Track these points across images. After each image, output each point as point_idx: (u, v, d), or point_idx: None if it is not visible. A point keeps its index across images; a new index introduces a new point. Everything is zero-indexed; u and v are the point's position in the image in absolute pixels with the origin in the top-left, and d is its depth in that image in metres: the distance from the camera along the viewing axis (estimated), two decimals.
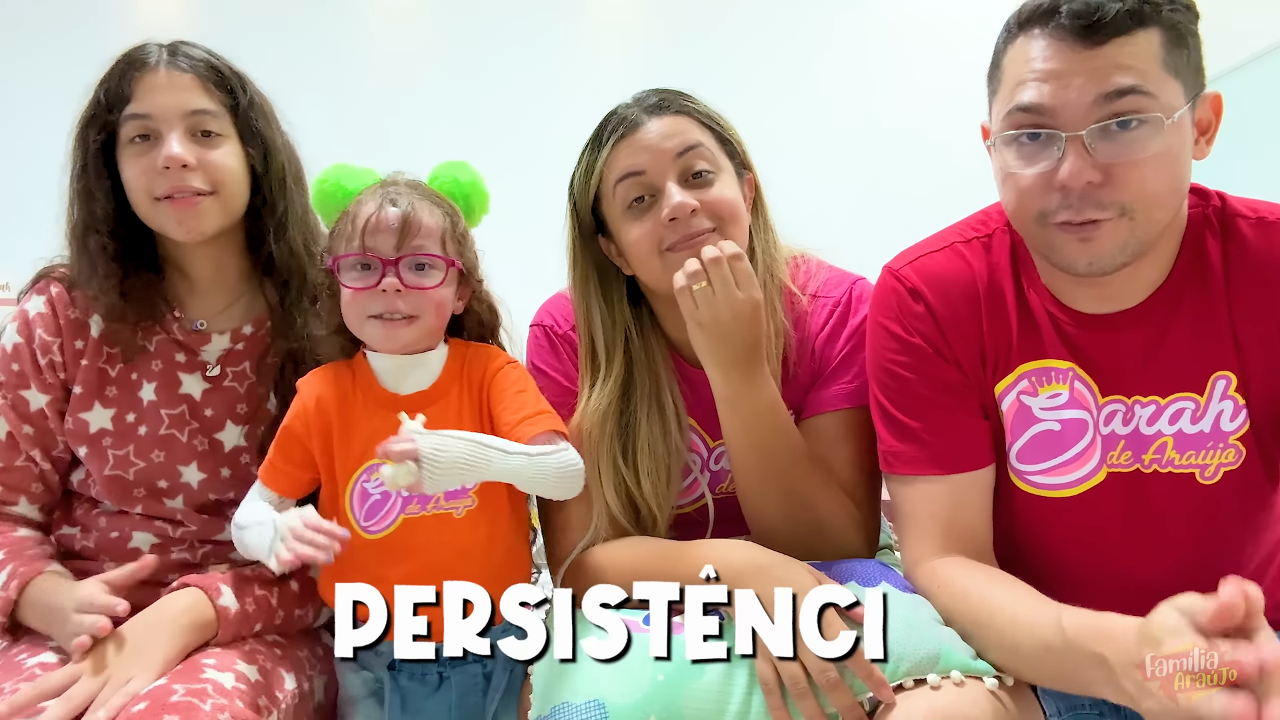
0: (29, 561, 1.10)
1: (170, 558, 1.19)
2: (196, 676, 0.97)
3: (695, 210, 1.10)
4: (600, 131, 1.17)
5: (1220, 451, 1.00)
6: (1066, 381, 1.02)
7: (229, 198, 1.17)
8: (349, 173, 1.13)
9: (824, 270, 1.23)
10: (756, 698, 0.92)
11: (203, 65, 1.16)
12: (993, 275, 1.05)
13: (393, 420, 1.03)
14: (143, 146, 1.14)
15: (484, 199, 1.16)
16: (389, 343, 1.06)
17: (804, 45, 3.52)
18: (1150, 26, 0.89)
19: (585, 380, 1.18)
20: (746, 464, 1.11)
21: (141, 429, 1.19)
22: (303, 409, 1.09)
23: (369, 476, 1.06)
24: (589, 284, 1.20)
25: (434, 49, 3.50)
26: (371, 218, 1.05)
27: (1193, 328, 0.98)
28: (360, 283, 1.05)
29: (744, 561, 0.99)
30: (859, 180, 3.42)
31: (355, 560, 1.04)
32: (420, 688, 1.05)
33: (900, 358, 1.06)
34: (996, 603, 0.93)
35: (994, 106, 0.99)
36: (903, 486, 1.07)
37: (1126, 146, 0.89)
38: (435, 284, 1.06)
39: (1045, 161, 0.92)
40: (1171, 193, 0.93)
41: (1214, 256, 0.98)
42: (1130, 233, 0.92)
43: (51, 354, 1.17)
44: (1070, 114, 0.90)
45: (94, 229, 1.17)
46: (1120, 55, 0.88)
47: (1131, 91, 0.88)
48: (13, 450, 1.17)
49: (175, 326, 1.21)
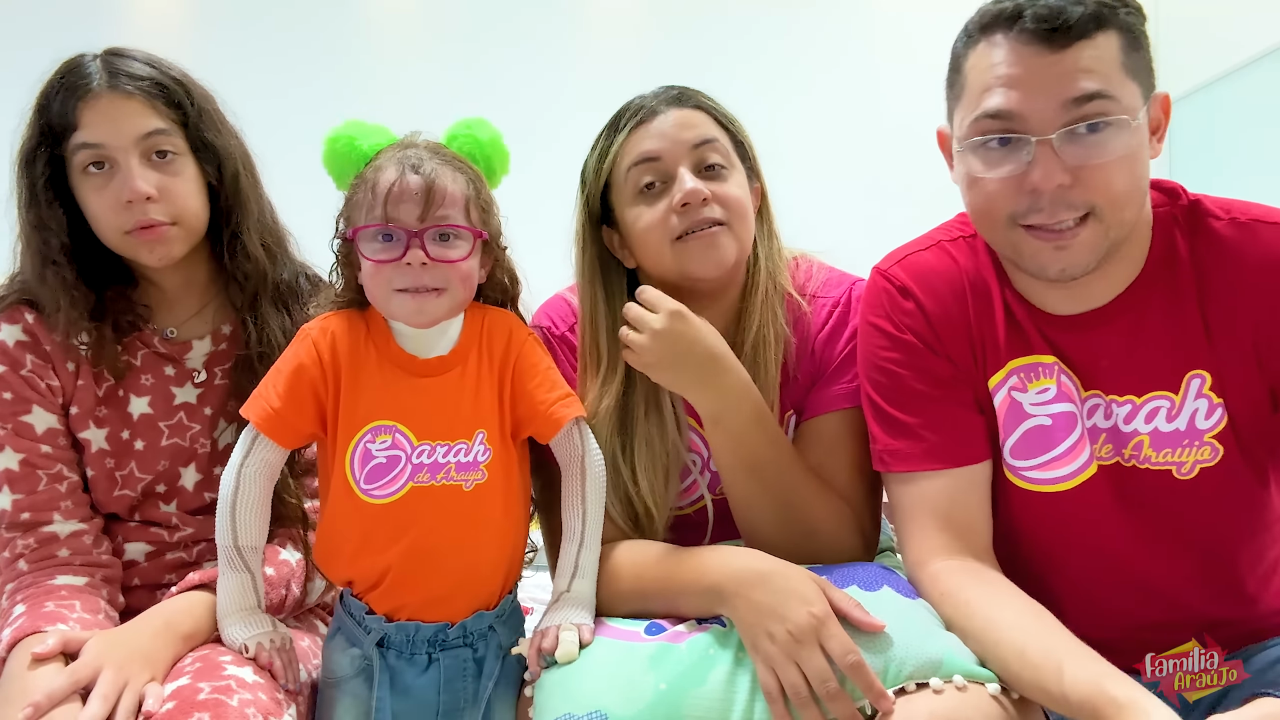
0: (34, 618, 1.05)
1: (165, 559, 1.19)
2: (219, 674, 0.97)
3: (707, 199, 1.10)
4: (618, 118, 1.17)
5: (1195, 449, 1.00)
6: (1054, 376, 1.02)
7: (192, 222, 1.15)
8: (363, 130, 1.07)
9: (823, 271, 1.23)
10: (759, 705, 0.92)
11: (147, 83, 1.12)
12: (979, 273, 1.06)
13: (406, 382, 1.03)
14: (100, 178, 1.11)
15: (505, 157, 1.12)
16: (419, 317, 1.02)
17: (804, 45, 3.52)
18: (1109, 29, 0.91)
19: (586, 376, 1.17)
20: (738, 479, 1.11)
21: (139, 444, 1.18)
22: (314, 350, 1.04)
23: (374, 438, 1.02)
24: (595, 274, 1.19)
25: (434, 48, 3.50)
26: (394, 185, 1.00)
27: (1165, 326, 0.99)
28: (383, 255, 1.00)
29: (747, 569, 0.99)
30: (859, 181, 3.42)
31: (356, 525, 1.03)
32: (409, 667, 1.04)
33: (892, 354, 1.07)
34: (1004, 627, 0.93)
35: (956, 112, 0.99)
36: (901, 484, 1.07)
37: (1094, 149, 0.90)
38: (462, 256, 1.02)
39: (1013, 165, 0.93)
40: (1136, 191, 0.95)
41: (1183, 254, 0.99)
42: (1102, 235, 0.93)
43: (48, 379, 1.15)
44: (1039, 119, 0.91)
45: (51, 261, 1.13)
46: (1083, 59, 0.90)
47: (1097, 96, 0.90)
48: (31, 477, 1.13)
49: (155, 339, 1.20)
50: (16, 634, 1.02)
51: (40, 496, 1.13)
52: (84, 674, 0.95)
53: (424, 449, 1.02)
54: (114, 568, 1.16)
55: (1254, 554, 1.05)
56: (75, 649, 0.99)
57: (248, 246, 1.20)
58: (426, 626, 1.03)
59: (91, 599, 1.11)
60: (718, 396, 1.08)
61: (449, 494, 1.03)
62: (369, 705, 1.02)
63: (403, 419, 1.03)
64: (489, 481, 1.04)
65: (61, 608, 1.06)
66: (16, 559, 1.11)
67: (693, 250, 1.11)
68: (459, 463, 1.03)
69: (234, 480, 1.03)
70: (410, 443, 1.02)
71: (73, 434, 1.17)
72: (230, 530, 1.03)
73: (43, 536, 1.12)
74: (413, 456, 1.02)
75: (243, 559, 1.04)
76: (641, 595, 1.06)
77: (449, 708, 1.03)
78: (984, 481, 1.06)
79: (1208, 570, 1.03)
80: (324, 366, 1.04)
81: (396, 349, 1.05)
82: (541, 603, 1.12)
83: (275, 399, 1.03)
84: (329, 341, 1.04)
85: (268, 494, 1.05)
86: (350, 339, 1.05)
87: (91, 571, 1.13)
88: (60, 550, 1.12)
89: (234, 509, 1.03)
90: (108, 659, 0.96)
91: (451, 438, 1.03)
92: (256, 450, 1.04)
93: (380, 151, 1.05)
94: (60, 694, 0.93)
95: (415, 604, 1.04)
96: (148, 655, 0.99)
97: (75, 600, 1.09)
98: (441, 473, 1.02)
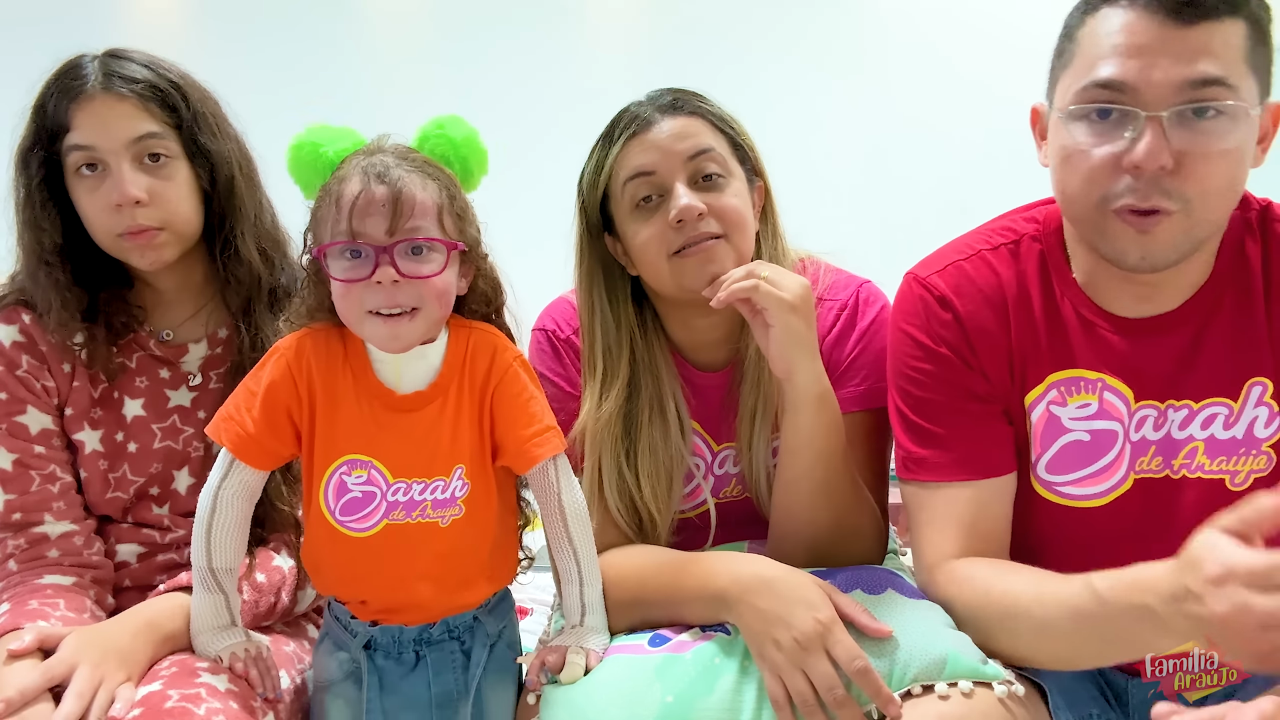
0: (16, 615, 1.04)
1: (157, 560, 1.19)
2: (191, 681, 0.96)
3: (703, 214, 1.09)
4: (612, 128, 1.16)
5: (1252, 458, 0.98)
6: (1095, 392, 1.00)
7: (182, 227, 1.14)
8: (327, 135, 1.00)
9: (830, 273, 1.22)
10: (766, 714, 0.91)
11: (142, 86, 1.11)
12: (1021, 283, 1.03)
13: (384, 417, 0.99)
14: (93, 179, 1.10)
15: (482, 157, 1.04)
16: (394, 344, 0.97)
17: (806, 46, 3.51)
18: (1239, 16, 0.87)
19: (589, 382, 1.16)
20: (814, 469, 1.08)
21: (132, 446, 1.18)
22: (288, 371, 0.99)
23: (350, 470, 0.99)
24: (594, 282, 1.19)
25: (433, 48, 3.49)
26: (358, 197, 0.93)
27: (1230, 333, 0.97)
28: (351, 273, 0.94)
29: (751, 576, 0.98)
30: (862, 182, 3.41)
31: (335, 555, 1.01)
32: (397, 666, 1.03)
33: (925, 365, 1.04)
34: (1019, 588, 0.92)
35: (1062, 80, 0.94)
36: (923, 491, 1.05)
37: (1204, 136, 0.87)
38: (436, 271, 0.95)
39: (1116, 139, 0.89)
40: (1231, 192, 0.92)
41: (1254, 262, 0.97)
42: (1187, 229, 0.90)
43: (43, 379, 1.14)
44: (1153, 94, 0.87)
45: (44, 260, 1.13)
46: (1210, 40, 0.86)
47: (1217, 82, 0.86)
48: (23, 477, 1.12)
49: (151, 342, 1.19)
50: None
51: (32, 497, 1.12)
52: (58, 670, 0.94)
53: (399, 486, 0.99)
54: (104, 569, 1.16)
55: None
56: (53, 645, 0.98)
57: (241, 251, 1.19)
58: (410, 628, 1.03)
59: (78, 598, 1.10)
60: (821, 377, 1.07)
61: (425, 531, 0.99)
62: (360, 708, 1.01)
63: (379, 455, 0.99)
64: (467, 516, 1.00)
65: (45, 605, 1.06)
66: (6, 559, 1.11)
67: (689, 265, 1.10)
68: (436, 500, 0.99)
69: (210, 502, 1.00)
70: (385, 480, 0.99)
71: (67, 435, 1.16)
72: (204, 552, 1.01)
73: (33, 537, 1.12)
74: (388, 494, 0.99)
75: (216, 580, 1.02)
76: (644, 602, 1.06)
77: (441, 701, 1.02)
78: (1008, 492, 1.04)
79: None
80: (298, 389, 0.99)
81: (374, 380, 1.00)
82: (542, 603, 1.11)
83: (249, 422, 0.98)
84: (304, 363, 1.00)
85: (246, 516, 1.03)
86: (326, 362, 1.00)
87: (81, 572, 1.13)
88: (50, 551, 1.12)
89: (209, 531, 1.00)
90: (84, 656, 0.95)
91: (429, 475, 0.99)
92: (235, 473, 1.00)
93: (345, 159, 0.98)
94: (33, 690, 0.92)
95: (398, 614, 1.03)
96: (125, 654, 0.98)
97: (60, 599, 1.08)
98: (417, 510, 0.99)
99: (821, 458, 1.08)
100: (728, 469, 1.22)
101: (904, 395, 1.06)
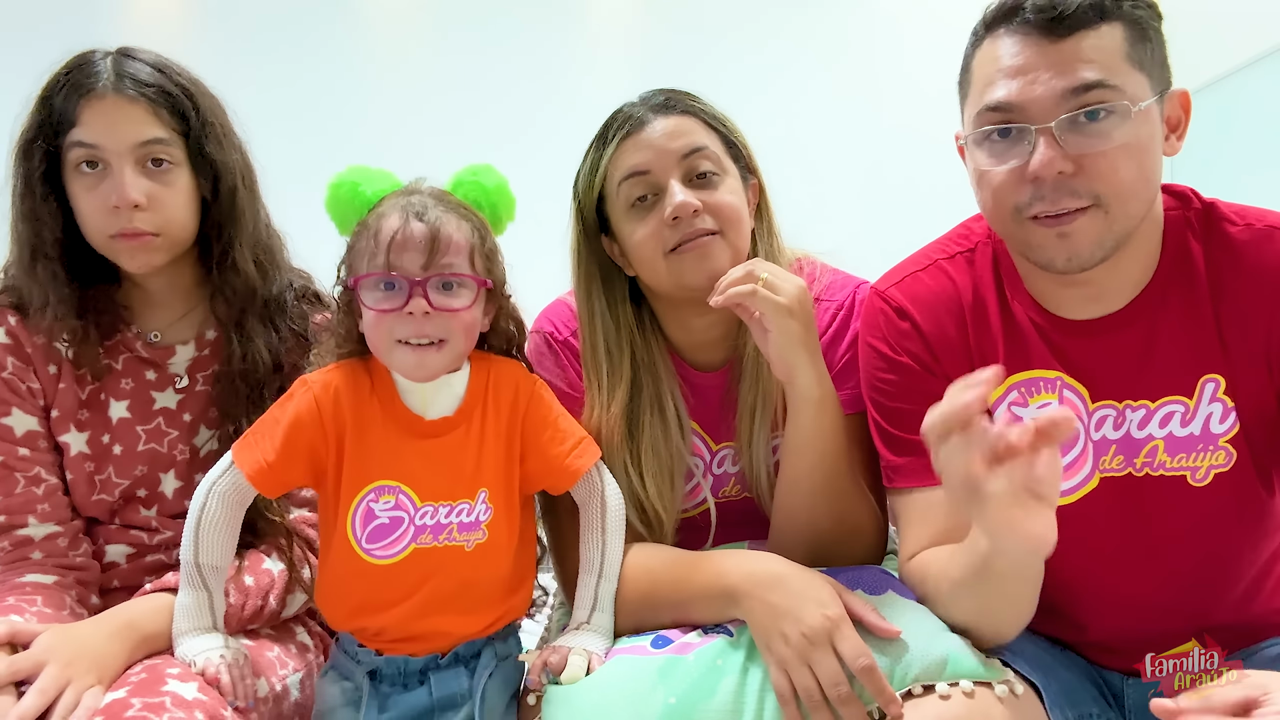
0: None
1: (145, 561, 1.19)
2: (157, 689, 0.94)
3: (698, 210, 1.09)
4: (605, 130, 1.16)
5: (1210, 454, 1.00)
6: (1055, 391, 1.02)
7: (177, 234, 1.14)
8: (366, 176, 1.05)
9: (827, 274, 1.22)
10: (768, 715, 0.91)
11: (153, 90, 1.10)
12: (977, 289, 1.06)
13: (411, 443, 1.02)
14: (92, 177, 1.09)
15: (511, 204, 1.10)
16: (420, 372, 1.01)
17: (805, 46, 3.52)
18: (1113, 20, 0.91)
19: (593, 384, 1.16)
20: (814, 470, 1.09)
21: (116, 448, 1.17)
22: (315, 405, 1.02)
23: (377, 498, 1.02)
24: (593, 284, 1.19)
25: (433, 48, 3.49)
26: (397, 234, 0.98)
27: (1180, 330, 0.99)
28: (385, 304, 0.98)
29: (763, 572, 0.98)
30: (862, 182, 3.42)
31: (358, 584, 1.03)
32: (400, 690, 1.04)
33: (889, 375, 1.07)
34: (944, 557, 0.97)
35: (965, 111, 1.00)
36: (901, 497, 1.08)
37: (1095, 137, 0.91)
38: (465, 305, 1.00)
39: (1016, 158, 0.93)
40: (1143, 183, 0.94)
41: (1197, 259, 0.99)
42: (1107, 226, 0.93)
43: (29, 381, 1.14)
44: (1038, 107, 0.91)
45: (42, 254, 1.12)
46: (1084, 48, 0.90)
47: (1098, 85, 0.90)
48: (8, 480, 1.12)
49: (138, 344, 1.18)
50: None
51: (16, 499, 1.12)
52: (23, 665, 0.93)
53: (427, 510, 1.02)
54: (90, 570, 1.15)
55: (1254, 557, 1.05)
56: (26, 640, 0.97)
57: (238, 262, 1.18)
58: (416, 659, 1.04)
59: (57, 596, 1.09)
60: (822, 378, 1.08)
61: (450, 555, 1.02)
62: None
63: (407, 480, 1.02)
64: (489, 540, 1.03)
65: (22, 601, 1.05)
66: None
67: (686, 262, 1.10)
68: (461, 523, 1.02)
69: (203, 497, 1.02)
70: (414, 504, 1.02)
71: (53, 437, 1.15)
72: (193, 546, 1.01)
73: (17, 539, 1.12)
74: (415, 518, 1.02)
75: (202, 577, 1.02)
76: (654, 599, 1.06)
77: (443, 705, 1.03)
78: None
79: (1209, 575, 1.03)
80: (325, 424, 1.02)
81: (401, 408, 1.04)
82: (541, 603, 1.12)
83: (270, 452, 1.01)
84: (332, 397, 1.03)
85: (236, 517, 1.04)
86: (354, 395, 1.03)
87: (63, 573, 1.12)
88: (34, 553, 1.12)
89: (199, 526, 1.01)
90: (54, 655, 0.94)
91: (454, 498, 1.03)
92: (231, 474, 1.02)
93: (383, 198, 1.03)
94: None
95: (411, 644, 1.04)
96: (98, 657, 0.96)
97: (38, 595, 1.07)
98: (444, 534, 1.02)
99: (823, 458, 1.08)
100: (726, 468, 1.22)
101: (877, 406, 1.09)
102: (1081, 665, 1.07)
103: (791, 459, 1.10)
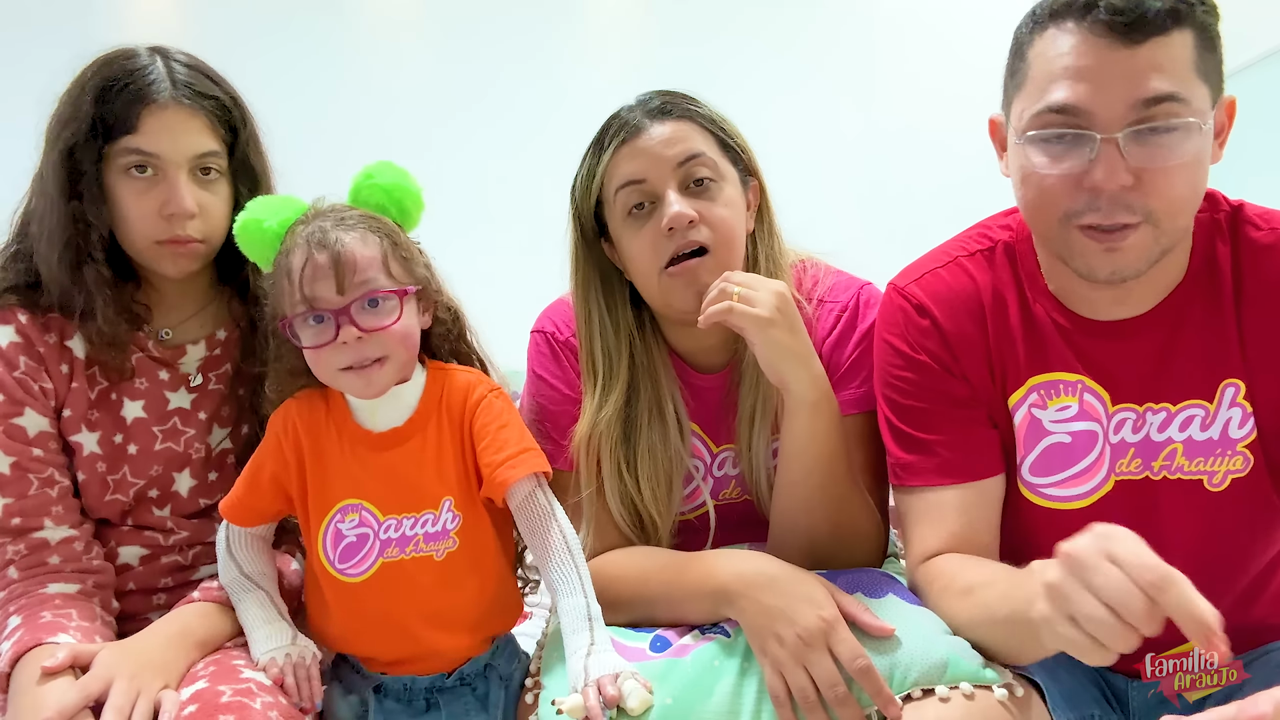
0: (34, 630, 1.02)
1: (161, 563, 1.19)
2: (237, 677, 0.98)
3: (694, 221, 1.08)
4: (602, 135, 1.16)
5: (1228, 459, 0.99)
6: (1075, 394, 1.01)
7: (217, 241, 1.16)
8: (267, 208, 1.04)
9: (830, 275, 1.21)
10: (765, 716, 0.91)
11: (212, 103, 1.12)
12: (996, 289, 1.04)
13: (369, 458, 1.03)
14: (143, 182, 1.09)
15: (416, 197, 1.07)
16: (370, 390, 1.01)
17: (806, 46, 3.52)
18: (1185, 27, 0.87)
19: (588, 387, 1.16)
20: (811, 474, 1.08)
21: (132, 448, 1.17)
22: (276, 444, 1.06)
23: (343, 517, 1.03)
24: (591, 288, 1.19)
25: (433, 48, 3.49)
26: (305, 268, 0.98)
27: (1202, 334, 0.98)
28: (318, 339, 0.99)
29: (757, 573, 0.98)
30: (862, 183, 3.42)
31: (335, 602, 1.03)
32: (406, 710, 1.04)
33: (907, 373, 1.05)
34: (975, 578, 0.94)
35: (1017, 101, 0.95)
36: (910, 496, 1.06)
37: (1160, 151, 0.87)
38: (394, 319, 0.99)
39: (1074, 161, 0.89)
40: (1194, 199, 0.93)
41: (1223, 263, 0.98)
42: (1155, 241, 0.91)
43: (42, 381, 1.13)
44: (1106, 116, 0.87)
45: (89, 257, 1.10)
46: (1157, 57, 0.86)
47: (1169, 98, 0.86)
48: (22, 480, 1.10)
49: (150, 344, 1.18)
50: (18, 648, 1.00)
51: (31, 501, 1.10)
52: (95, 687, 0.94)
53: (390, 523, 1.02)
54: (105, 573, 1.14)
55: (1258, 560, 1.05)
56: (86, 661, 0.97)
57: None
58: (421, 679, 1.04)
59: (86, 606, 1.09)
60: (816, 381, 1.06)
61: (420, 566, 1.02)
62: None
63: (368, 495, 1.03)
64: (461, 548, 1.03)
65: (59, 617, 1.05)
66: (7, 565, 1.09)
67: (676, 287, 1.10)
68: (428, 533, 1.02)
69: (224, 555, 1.10)
70: (376, 519, 1.02)
71: (64, 437, 1.15)
72: (232, 565, 1.09)
73: (33, 543, 1.10)
74: (380, 532, 1.02)
75: (253, 581, 1.08)
76: (645, 598, 1.06)
77: None
78: (996, 495, 1.05)
79: (1215, 579, 1.03)
80: (285, 455, 1.05)
81: (354, 425, 1.05)
82: (540, 606, 1.12)
83: (239, 487, 1.08)
84: (287, 428, 1.06)
85: (266, 540, 1.11)
86: (310, 421, 1.05)
87: (83, 578, 1.11)
88: (51, 557, 1.10)
89: (230, 548, 1.09)
90: (119, 670, 0.95)
91: (418, 509, 1.02)
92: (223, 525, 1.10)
93: (288, 231, 1.03)
94: (72, 708, 0.92)
95: (409, 665, 1.05)
96: (160, 664, 0.98)
97: (71, 609, 1.07)
98: (410, 545, 1.02)
99: (821, 461, 1.07)
100: (727, 470, 1.22)
101: (890, 404, 1.07)
102: (1084, 666, 1.06)
103: (788, 462, 1.09)
